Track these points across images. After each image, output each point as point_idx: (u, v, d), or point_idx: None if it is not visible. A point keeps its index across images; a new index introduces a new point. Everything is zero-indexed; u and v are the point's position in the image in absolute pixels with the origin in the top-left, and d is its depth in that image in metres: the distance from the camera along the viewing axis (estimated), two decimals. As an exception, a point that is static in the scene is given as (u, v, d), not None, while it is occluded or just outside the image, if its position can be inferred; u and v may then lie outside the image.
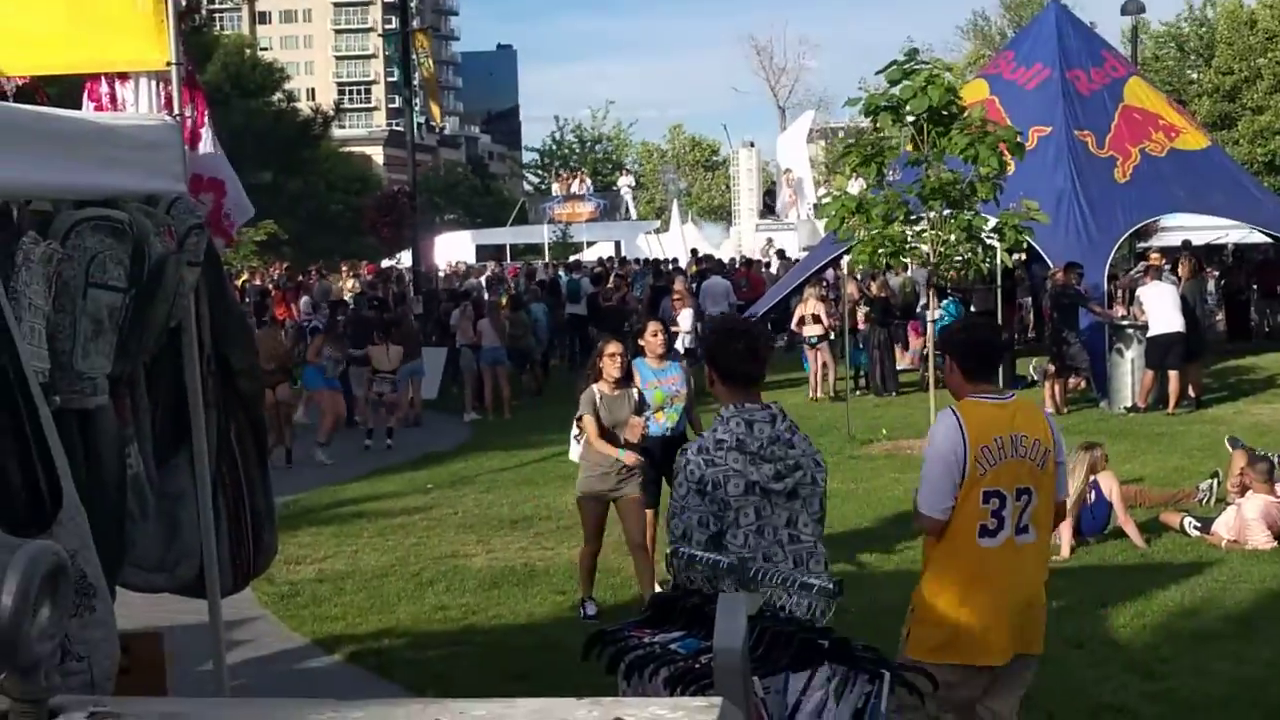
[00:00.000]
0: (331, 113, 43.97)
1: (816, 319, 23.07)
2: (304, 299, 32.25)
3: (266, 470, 5.90)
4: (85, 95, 5.72)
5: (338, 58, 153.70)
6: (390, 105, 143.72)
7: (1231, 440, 14.61)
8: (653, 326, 11.30)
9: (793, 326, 24.38)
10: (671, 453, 9.52)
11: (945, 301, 23.26)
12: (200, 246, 5.02)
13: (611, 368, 10.18)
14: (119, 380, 4.80)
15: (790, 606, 4.53)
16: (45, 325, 4.14)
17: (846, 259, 21.14)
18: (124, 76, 5.63)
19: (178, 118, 5.34)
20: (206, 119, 5.77)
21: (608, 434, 10.18)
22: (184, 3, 5.41)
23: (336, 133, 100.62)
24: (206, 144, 5.80)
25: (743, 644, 3.08)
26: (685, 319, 23.15)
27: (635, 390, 10.36)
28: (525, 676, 8.67)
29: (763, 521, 5.32)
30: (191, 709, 1.99)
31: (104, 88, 5.61)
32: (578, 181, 64.23)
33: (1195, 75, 53.74)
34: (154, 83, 5.56)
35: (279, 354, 19.17)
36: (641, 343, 10.99)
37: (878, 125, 17.51)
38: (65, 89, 7.48)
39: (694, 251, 43.61)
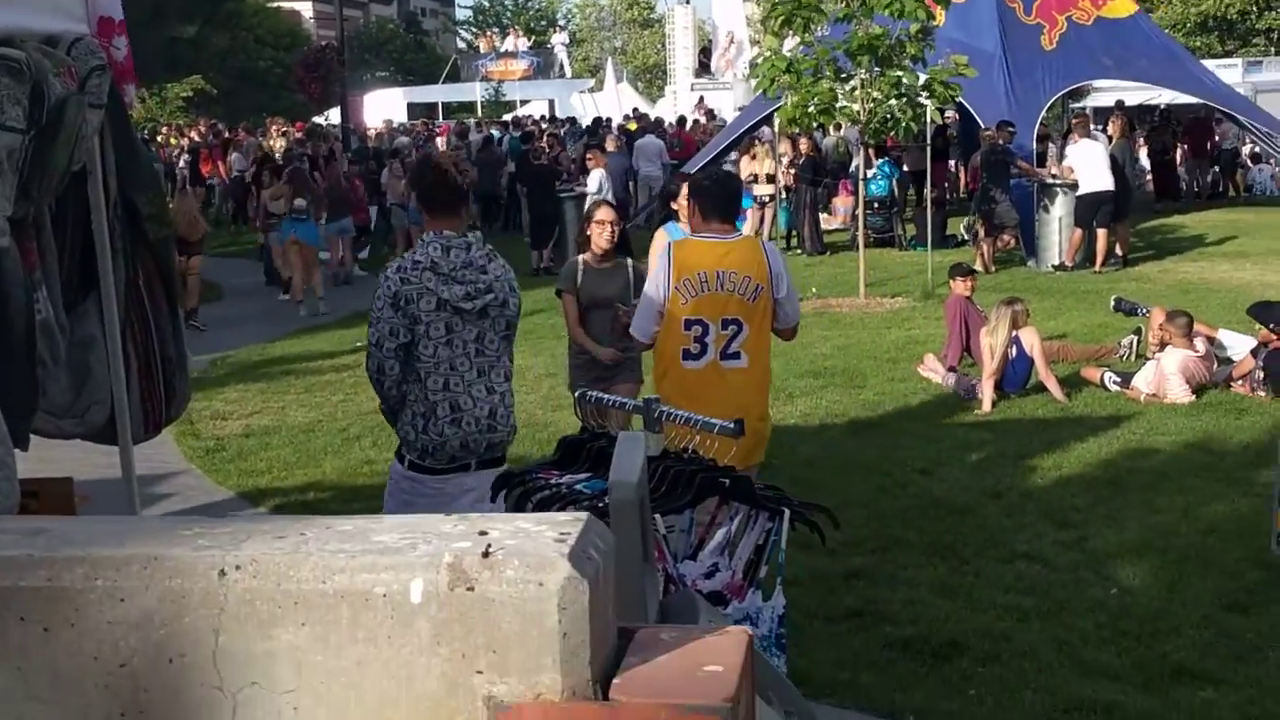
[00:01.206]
0: (257, -37, 43.24)
1: (771, 178, 23.00)
2: (234, 155, 31.87)
3: (178, 317, 5.84)
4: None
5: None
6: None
7: (1117, 301, 14.85)
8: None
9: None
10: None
11: (880, 161, 23.31)
12: (103, 88, 4.91)
13: (600, 237, 8.82)
14: (24, 224, 4.73)
15: (690, 446, 4.59)
16: (-61, 165, 4.06)
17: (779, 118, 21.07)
18: (23, -87, 5.48)
19: (79, -44, 5.21)
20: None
21: (588, 316, 8.95)
22: None
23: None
24: (114, -16, 5.65)
25: (639, 479, 3.11)
26: (594, 179, 22.99)
27: (630, 264, 8.95)
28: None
29: (452, 335, 5.91)
30: (55, 525, 1.99)
31: (2, -75, 5.46)
32: (512, 38, 63.44)
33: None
34: (55, -80, 5.40)
35: (194, 221, 18.87)
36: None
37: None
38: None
39: (634, 110, 43.29)
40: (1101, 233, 19.79)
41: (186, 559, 1.88)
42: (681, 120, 36.11)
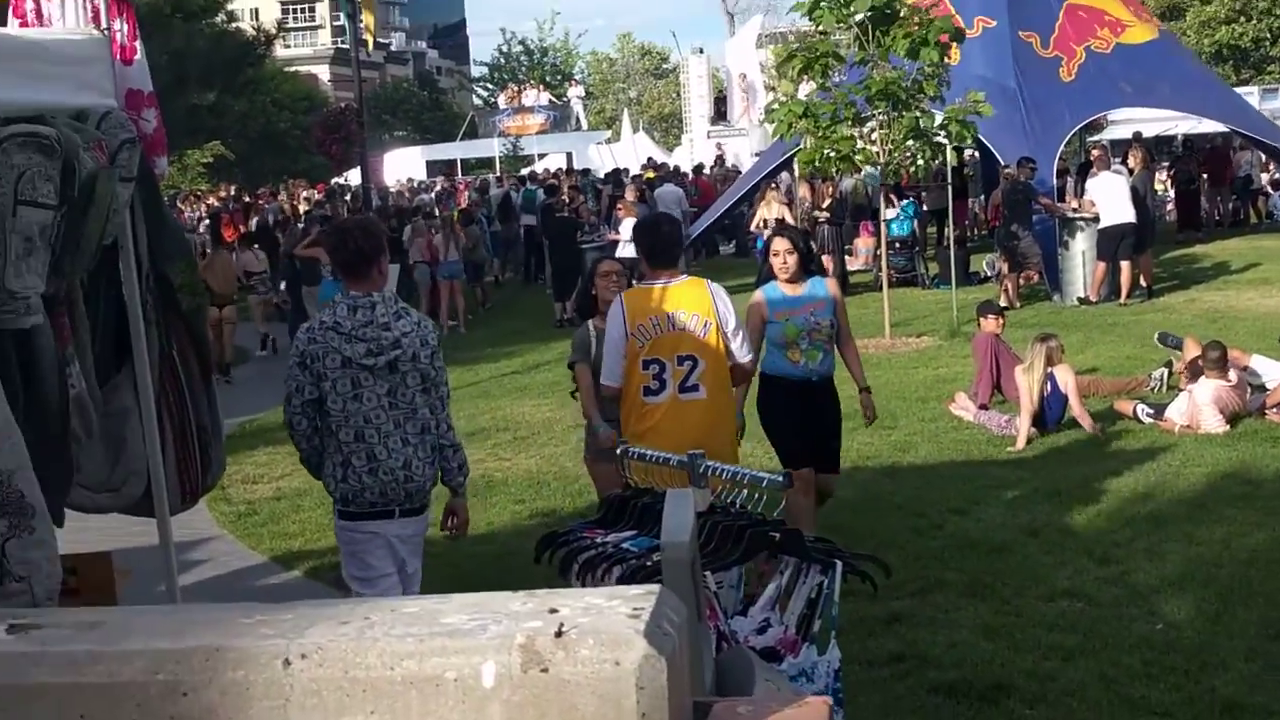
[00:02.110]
0: (274, 31, 43.27)
1: (781, 222, 22.99)
2: (255, 220, 32.01)
3: (211, 386, 5.84)
4: (10, 12, 5.57)
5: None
6: (335, 23, 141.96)
7: (1161, 336, 14.75)
8: (777, 243, 8.65)
9: (750, 229, 24.29)
10: (816, 400, 8.55)
11: (905, 202, 23.29)
12: (133, 161, 4.92)
13: (606, 290, 8.22)
14: (56, 299, 4.72)
15: (739, 500, 4.54)
16: (-28, 245, 4.05)
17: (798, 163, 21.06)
18: (48, -9, 5.50)
19: (105, 31, 5.22)
20: (138, 34, 5.64)
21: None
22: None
23: (281, 52, 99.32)
24: (141, 58, 5.66)
25: (690, 537, 3.06)
26: (626, 228, 23.03)
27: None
28: (483, 586, 8.65)
29: (361, 389, 6.18)
30: (111, 617, 1.95)
31: (29, 3, 5.46)
32: (529, 93, 63.69)
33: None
34: (80, -3, 5.42)
35: (230, 277, 20.27)
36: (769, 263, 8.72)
37: (820, 26, 17.42)
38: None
39: (649, 159, 43.39)
40: (1125, 265, 19.71)
41: (249, 649, 1.83)
42: (698, 168, 36.16)
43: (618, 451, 5.20)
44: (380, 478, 6.23)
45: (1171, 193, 30.27)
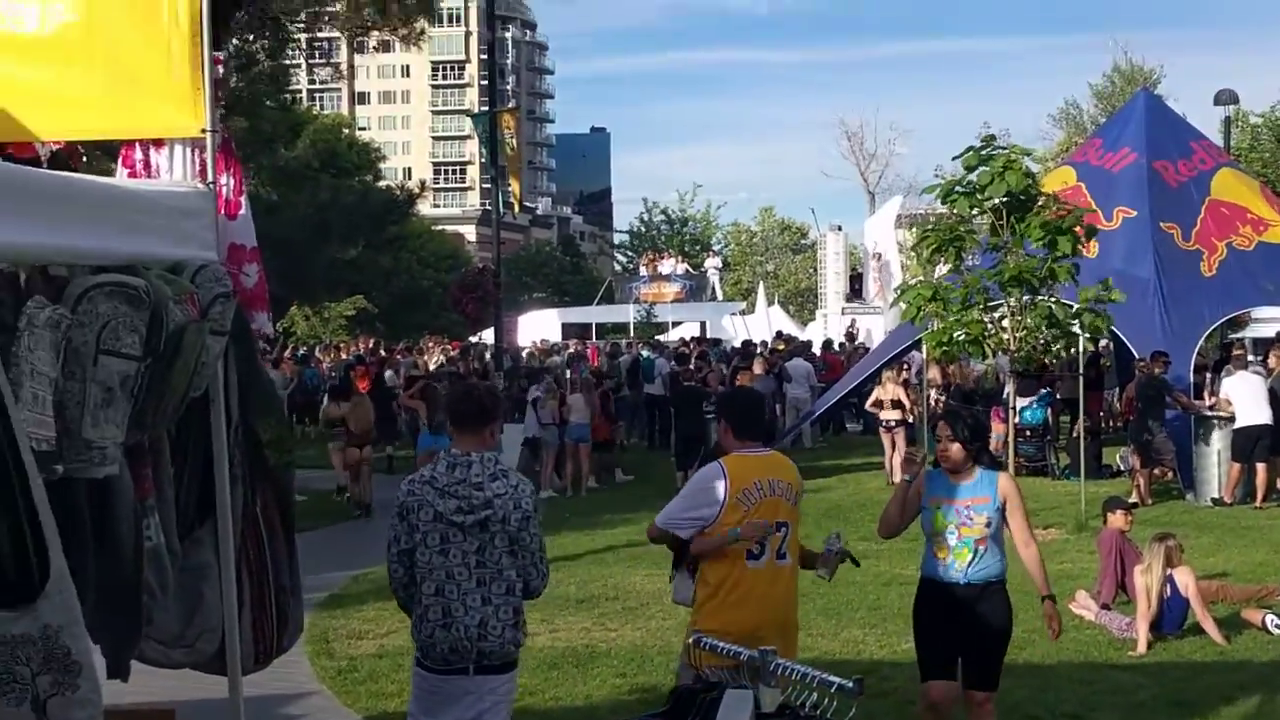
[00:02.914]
0: (417, 189, 44.28)
1: (896, 404, 22.79)
2: (388, 372, 32.44)
3: (294, 546, 5.79)
4: (120, 161, 5.68)
5: (434, 138, 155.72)
6: (484, 185, 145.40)
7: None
8: (939, 429, 7.82)
9: (869, 408, 24.11)
10: (967, 607, 7.60)
11: (1044, 391, 22.96)
12: (226, 315, 4.93)
13: None
14: (139, 449, 4.70)
15: (808, 703, 4.33)
16: (52, 392, 4.04)
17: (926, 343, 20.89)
18: (159, 143, 5.58)
19: (211, 185, 5.28)
20: (244, 189, 5.71)
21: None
22: (220, 71, 5.35)
23: (431, 212, 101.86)
24: (245, 213, 5.73)
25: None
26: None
27: None
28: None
29: (449, 545, 6.33)
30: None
31: (138, 154, 5.57)
32: (666, 261, 64.33)
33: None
34: (189, 150, 5.51)
35: (367, 420, 21.38)
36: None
37: (955, 210, 17.37)
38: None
39: (779, 333, 43.47)
40: (1261, 467, 19.17)
41: None
42: (827, 343, 36.11)
43: (689, 640, 5.03)
44: (453, 633, 6.36)
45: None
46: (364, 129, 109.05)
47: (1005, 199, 16.37)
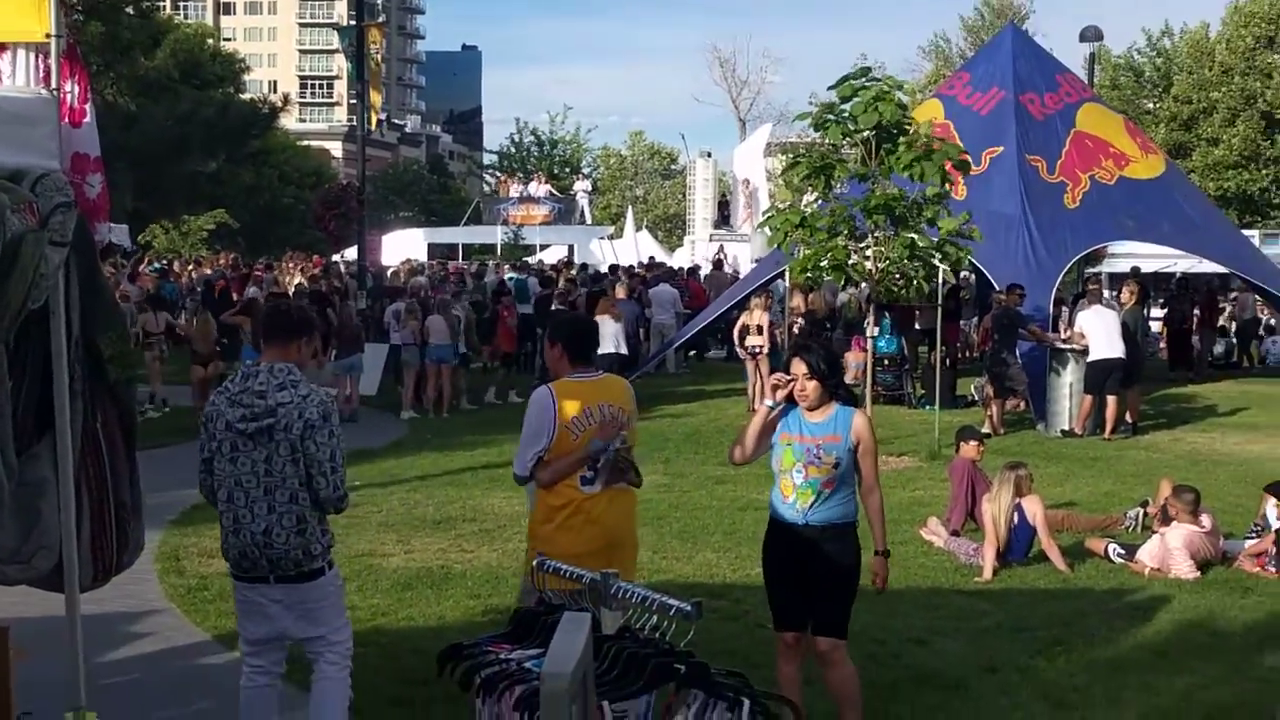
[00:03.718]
0: (280, 102, 43.29)
1: (760, 329, 22.92)
2: (250, 289, 31.95)
3: (135, 463, 5.68)
4: (-39, 68, 5.48)
5: (301, 51, 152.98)
6: (352, 102, 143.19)
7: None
8: (794, 365, 7.22)
9: (734, 335, 24.23)
10: (814, 551, 7.15)
11: (885, 321, 23.20)
12: (67, 226, 4.78)
13: None
14: (-27, 362, 4.57)
15: (648, 626, 4.34)
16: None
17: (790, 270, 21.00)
18: (1, 47, 5.40)
19: (54, 92, 5.11)
20: (89, 97, 5.53)
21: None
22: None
23: (296, 126, 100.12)
24: (90, 122, 5.55)
25: (573, 669, 2.88)
26: (603, 325, 22.88)
27: None
28: (426, 681, 8.39)
29: (238, 454, 6.44)
30: None
31: (-20, 59, 5.37)
32: (534, 184, 64.00)
33: (1151, 105, 54.03)
34: (33, 55, 5.32)
35: (209, 337, 21.73)
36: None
37: (827, 138, 17.40)
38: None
39: (650, 258, 43.50)
40: (1111, 400, 19.59)
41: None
42: (692, 270, 36.16)
43: (534, 563, 5.02)
44: (241, 539, 6.48)
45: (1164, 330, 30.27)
46: (229, 39, 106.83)
47: (875, 130, 16.40)
